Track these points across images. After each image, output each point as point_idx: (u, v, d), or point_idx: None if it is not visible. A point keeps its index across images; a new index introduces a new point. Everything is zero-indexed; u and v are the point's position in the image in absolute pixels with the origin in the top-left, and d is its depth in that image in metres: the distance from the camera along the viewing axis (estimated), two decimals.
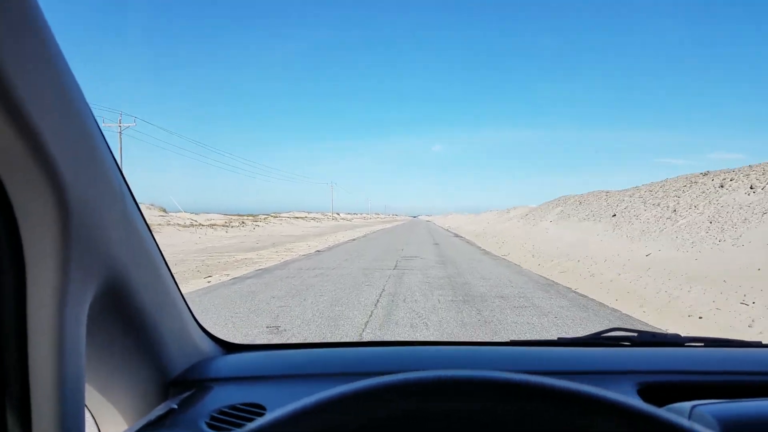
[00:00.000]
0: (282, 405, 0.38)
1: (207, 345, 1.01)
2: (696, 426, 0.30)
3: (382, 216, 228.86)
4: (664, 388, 0.88)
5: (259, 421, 0.35)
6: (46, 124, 0.47)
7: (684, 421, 0.31)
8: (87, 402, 0.74)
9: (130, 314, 0.72)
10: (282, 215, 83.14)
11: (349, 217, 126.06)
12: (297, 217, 73.45)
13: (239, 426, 0.47)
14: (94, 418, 0.80)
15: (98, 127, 0.61)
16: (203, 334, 1.02)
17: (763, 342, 1.10)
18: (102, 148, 0.61)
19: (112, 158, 0.65)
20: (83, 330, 0.57)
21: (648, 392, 0.87)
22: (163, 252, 0.83)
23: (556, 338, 1.13)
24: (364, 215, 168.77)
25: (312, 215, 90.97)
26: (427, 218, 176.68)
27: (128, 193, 0.70)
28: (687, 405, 0.69)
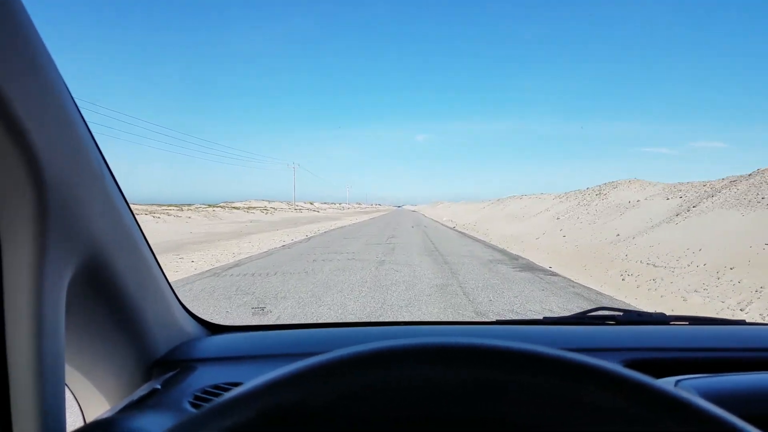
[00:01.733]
0: None
1: (191, 326, 1.01)
2: (679, 391, 0.30)
3: (364, 206, 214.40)
4: (650, 365, 0.89)
5: (235, 391, 0.33)
6: (20, 99, 0.46)
7: (669, 387, 0.31)
8: (70, 383, 0.76)
9: (111, 295, 0.71)
10: (235, 204, 70.10)
11: (323, 207, 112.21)
12: (253, 207, 59.61)
13: None
14: (76, 399, 0.79)
15: (75, 104, 0.60)
16: (187, 315, 1.01)
17: (747, 320, 1.16)
18: (79, 126, 0.60)
19: (90, 137, 0.64)
20: (62, 309, 0.57)
21: (633, 369, 0.88)
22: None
23: (541, 317, 1.16)
24: (344, 205, 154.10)
25: (273, 205, 76.73)
26: (413, 208, 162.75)
27: (108, 172, 0.69)
28: (671, 380, 0.72)
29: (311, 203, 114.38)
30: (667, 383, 0.48)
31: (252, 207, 62.54)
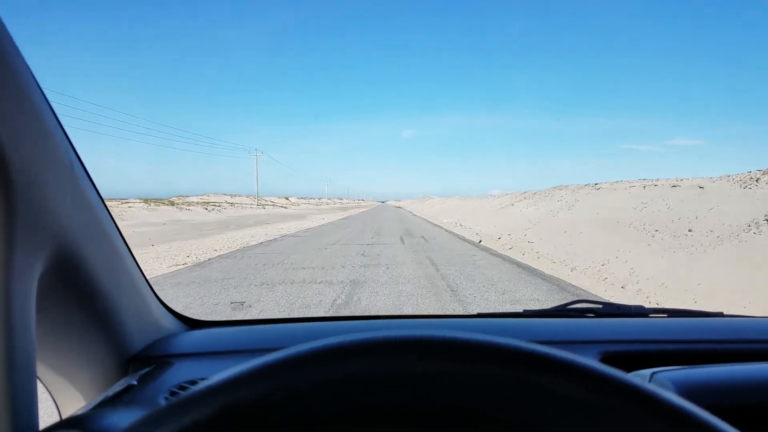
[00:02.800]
0: None
1: (169, 321, 1.00)
2: (650, 386, 0.30)
3: (345, 201, 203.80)
4: (627, 357, 0.90)
5: (196, 388, 0.33)
6: None
7: (637, 380, 0.31)
8: (44, 380, 0.75)
9: (83, 289, 0.70)
10: (191, 199, 59.92)
11: (298, 202, 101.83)
12: (210, 203, 49.29)
13: None
14: (51, 395, 0.78)
15: (42, 93, 0.59)
16: (165, 310, 1.00)
17: (724, 312, 1.15)
18: (46, 114, 0.59)
19: (58, 125, 0.63)
20: (32, 304, 0.55)
21: (610, 361, 0.88)
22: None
23: (521, 310, 1.16)
24: (322, 200, 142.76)
25: (237, 199, 66.20)
26: (397, 204, 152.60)
27: (78, 163, 0.68)
28: (647, 372, 0.72)
29: (286, 198, 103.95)
30: (642, 376, 0.48)
31: (209, 202, 52.27)
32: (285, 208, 57.87)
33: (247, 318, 2.21)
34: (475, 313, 1.18)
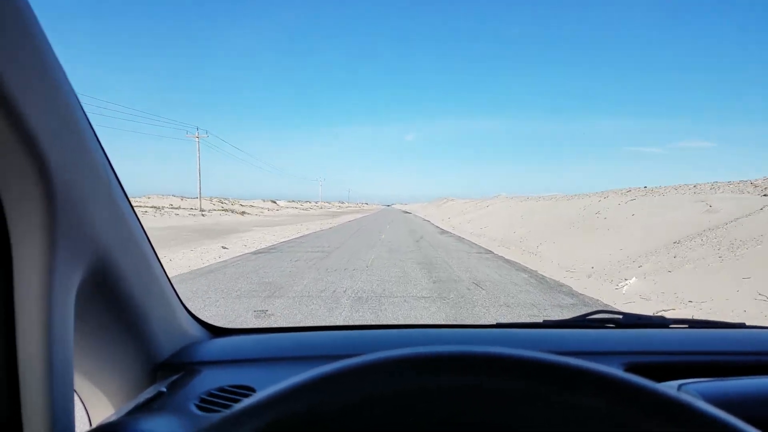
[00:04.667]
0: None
1: (194, 329, 1.01)
2: (684, 396, 0.31)
3: (346, 205, 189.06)
4: (650, 369, 0.89)
5: (252, 399, 0.34)
6: (30, 106, 0.47)
7: (672, 392, 0.31)
8: (76, 387, 0.75)
9: (117, 299, 0.72)
10: (137, 199, 46.55)
11: (281, 206, 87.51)
12: (139, 206, 35.14)
13: (228, 408, 0.40)
14: (83, 402, 0.79)
15: (83, 111, 0.61)
16: (191, 318, 1.01)
17: (747, 324, 1.13)
18: (87, 132, 0.61)
19: (97, 143, 0.65)
20: (71, 314, 0.57)
21: (634, 372, 0.90)
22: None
23: (541, 320, 1.15)
24: (317, 204, 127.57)
25: (185, 203, 52.02)
26: (404, 208, 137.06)
27: (114, 177, 0.70)
28: (674, 384, 0.72)
29: (273, 202, 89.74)
30: (669, 387, 0.50)
31: (142, 206, 38.16)
32: (242, 215, 43.32)
33: (269, 326, 1.60)
34: (494, 323, 1.18)
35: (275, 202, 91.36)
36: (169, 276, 0.90)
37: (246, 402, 0.34)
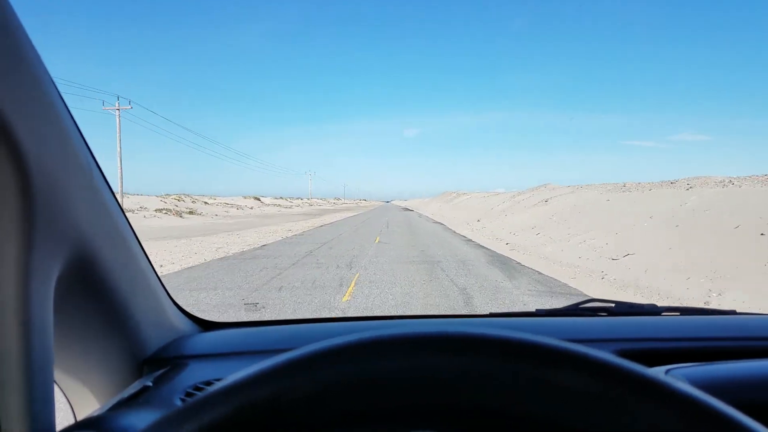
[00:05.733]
0: None
1: (183, 323, 1.00)
2: (668, 377, 0.31)
3: (343, 202, 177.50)
4: (642, 355, 0.89)
5: (212, 388, 0.33)
6: (4, 92, 0.46)
7: (642, 368, 0.32)
8: (59, 381, 0.75)
9: (100, 291, 0.70)
10: None
11: (268, 202, 76.60)
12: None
13: None
14: (67, 397, 0.78)
15: (61, 98, 0.61)
16: (179, 312, 1.00)
17: (737, 311, 1.13)
18: (67, 122, 0.60)
19: (78, 133, 0.64)
20: (50, 306, 0.56)
21: (625, 359, 0.93)
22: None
23: (534, 310, 1.14)
24: (307, 201, 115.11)
25: (141, 200, 40.91)
26: (404, 204, 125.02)
27: (96, 168, 0.70)
28: (661, 369, 0.72)
29: (257, 198, 78.58)
30: (657, 372, 0.51)
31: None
32: (179, 216, 31.75)
33: (259, 320, 1.70)
34: (488, 312, 1.18)
35: (259, 199, 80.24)
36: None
37: (214, 387, 0.33)
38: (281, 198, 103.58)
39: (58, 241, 0.57)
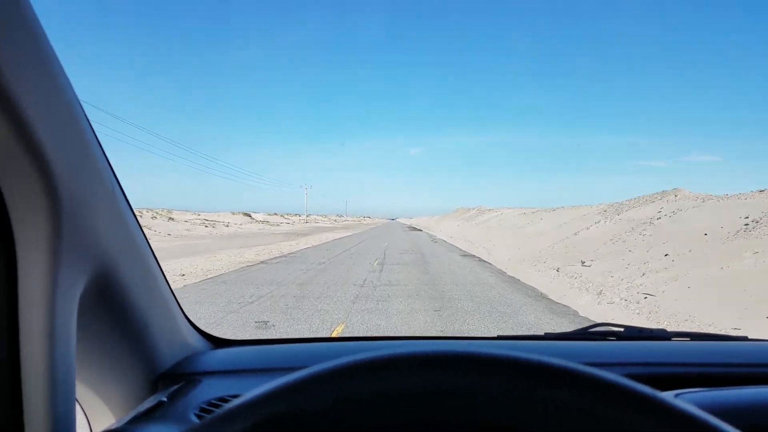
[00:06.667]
0: None
1: (196, 340, 1.01)
2: (677, 401, 0.31)
3: (347, 219, 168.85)
4: (651, 380, 0.89)
5: (232, 403, 0.34)
6: (38, 119, 0.48)
7: (651, 390, 0.32)
8: (77, 395, 0.75)
9: (119, 308, 0.71)
10: None
11: (259, 218, 68.69)
12: None
13: None
14: (84, 411, 0.79)
15: (89, 123, 0.62)
16: (192, 329, 1.01)
17: (749, 337, 1.14)
18: (93, 143, 0.62)
19: (102, 154, 0.65)
20: (74, 322, 0.57)
21: None
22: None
23: (542, 333, 1.17)
24: (302, 218, 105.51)
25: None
26: (410, 222, 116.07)
27: (119, 189, 0.71)
28: (670, 394, 0.71)
29: (246, 215, 70.33)
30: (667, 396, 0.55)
31: None
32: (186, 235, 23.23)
33: (269, 338, 1.49)
34: (496, 335, 1.20)
35: (249, 215, 71.95)
36: None
37: (234, 402, 0.33)
38: (275, 214, 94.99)
39: (83, 258, 0.58)
